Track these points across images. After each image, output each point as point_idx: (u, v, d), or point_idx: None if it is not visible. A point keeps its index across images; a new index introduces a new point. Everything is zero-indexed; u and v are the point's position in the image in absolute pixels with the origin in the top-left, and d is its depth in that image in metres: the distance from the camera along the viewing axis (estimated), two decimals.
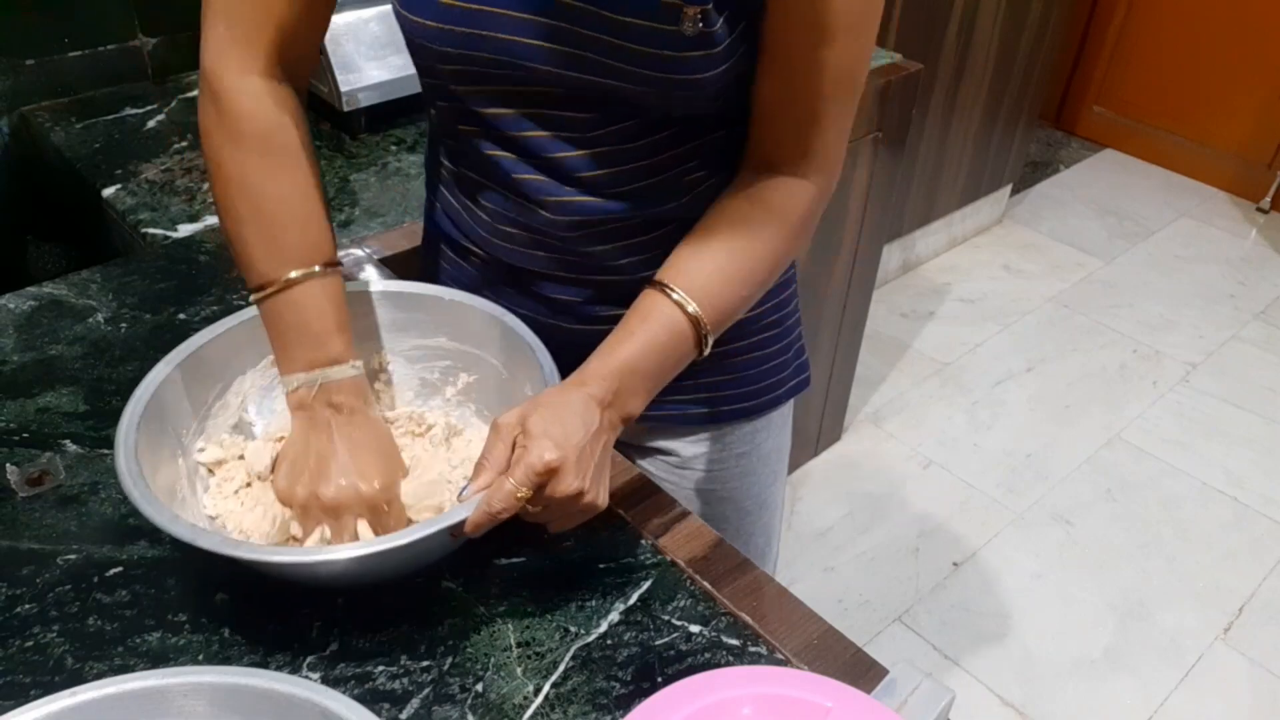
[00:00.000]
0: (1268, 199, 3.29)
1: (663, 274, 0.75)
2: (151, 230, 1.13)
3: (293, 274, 0.72)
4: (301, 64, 0.76)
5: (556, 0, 0.68)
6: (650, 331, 0.73)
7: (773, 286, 0.92)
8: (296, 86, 0.76)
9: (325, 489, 0.69)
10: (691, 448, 0.98)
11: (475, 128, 0.79)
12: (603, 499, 0.70)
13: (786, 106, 0.73)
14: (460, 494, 0.67)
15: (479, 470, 0.67)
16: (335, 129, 1.36)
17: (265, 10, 0.72)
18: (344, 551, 0.63)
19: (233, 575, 0.73)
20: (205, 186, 1.22)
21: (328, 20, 0.77)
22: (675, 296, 0.73)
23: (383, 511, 0.71)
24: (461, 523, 0.65)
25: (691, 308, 0.73)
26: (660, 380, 0.75)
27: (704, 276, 0.74)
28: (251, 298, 0.74)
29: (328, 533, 0.70)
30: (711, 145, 0.80)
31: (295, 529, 0.72)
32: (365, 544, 0.64)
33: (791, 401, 1.02)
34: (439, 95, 0.79)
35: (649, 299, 0.74)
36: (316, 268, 0.73)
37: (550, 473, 0.65)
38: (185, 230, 1.13)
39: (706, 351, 0.76)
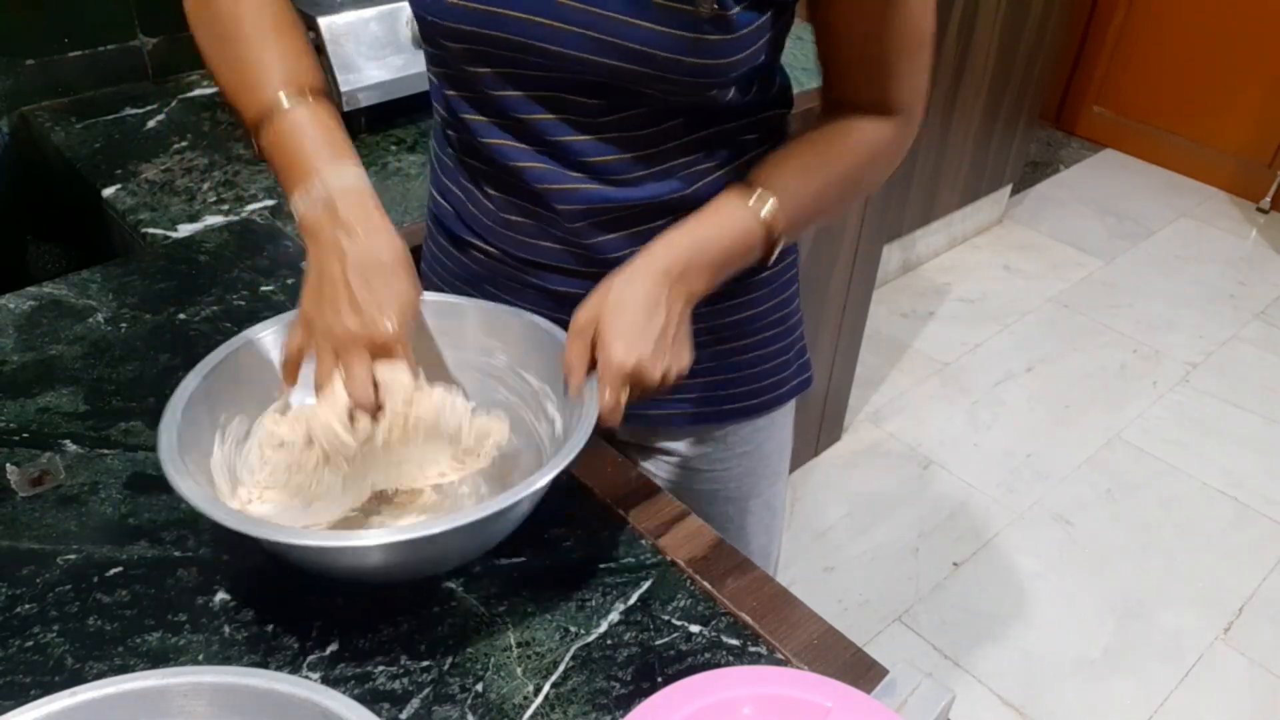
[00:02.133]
0: (1268, 199, 3.29)
1: (751, 175, 0.77)
2: (151, 230, 1.13)
3: (285, 102, 0.72)
4: None
5: None
6: (722, 226, 0.75)
7: (777, 283, 0.92)
8: None
9: (336, 324, 0.68)
10: (693, 448, 0.98)
11: (481, 114, 0.79)
12: (687, 363, 0.75)
13: (859, 61, 0.76)
14: (566, 393, 0.72)
15: (568, 372, 0.72)
16: None
17: None
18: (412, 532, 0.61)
19: (233, 574, 0.73)
20: (205, 186, 1.23)
21: None
22: (751, 202, 0.76)
23: (395, 352, 0.69)
24: (593, 424, 0.68)
25: (765, 213, 0.75)
26: (725, 270, 0.77)
27: (784, 186, 0.77)
28: (253, 136, 0.74)
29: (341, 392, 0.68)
30: (722, 136, 0.80)
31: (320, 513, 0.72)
32: (455, 518, 0.61)
33: (794, 401, 1.02)
34: (447, 80, 0.79)
35: (726, 196, 0.77)
36: (309, 96, 0.73)
37: (633, 375, 0.70)
38: (185, 230, 1.13)
39: (772, 259, 0.79)
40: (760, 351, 0.94)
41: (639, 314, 0.71)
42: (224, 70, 0.76)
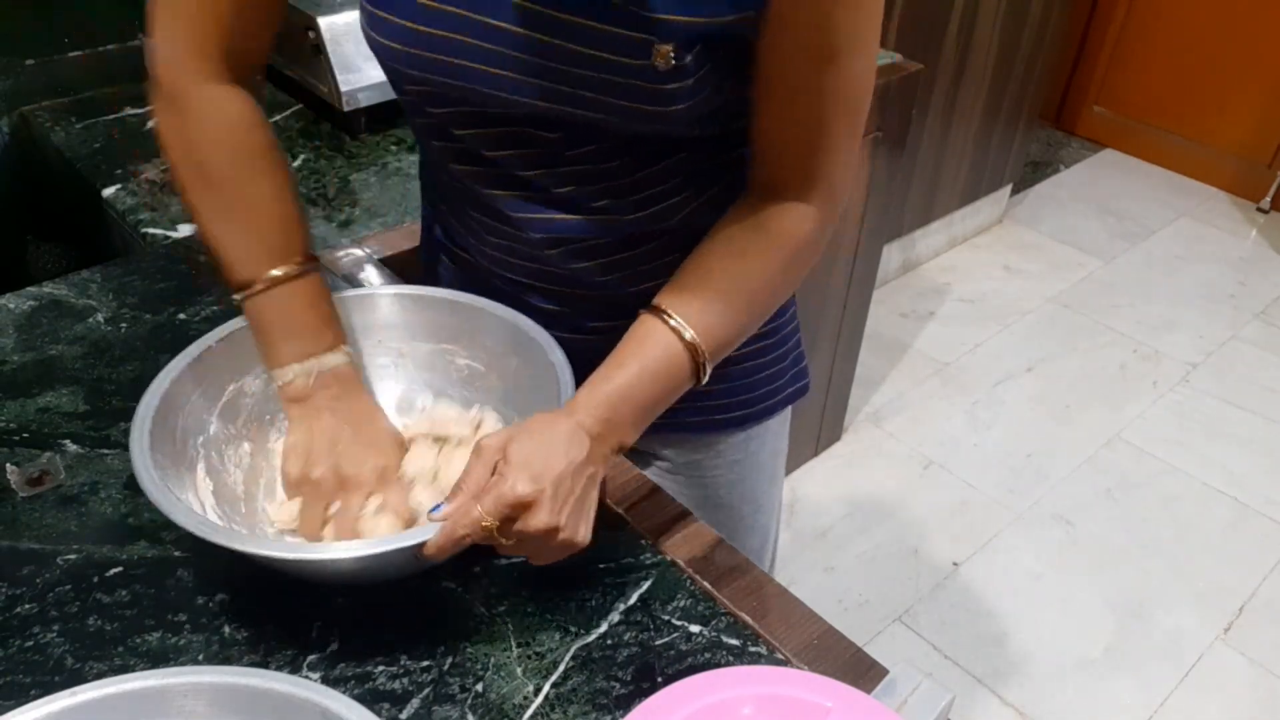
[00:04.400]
0: (1268, 199, 3.29)
1: (660, 299, 0.73)
2: (151, 230, 1.13)
3: (275, 271, 0.73)
4: (253, 68, 0.77)
5: (525, 32, 0.66)
6: (645, 360, 0.70)
7: None
8: (253, 89, 0.77)
9: (342, 464, 0.72)
10: (685, 454, 0.98)
11: (448, 145, 0.78)
12: (582, 535, 0.66)
13: (788, 131, 0.71)
14: (430, 513, 0.64)
15: (455, 491, 0.64)
16: (335, 129, 1.36)
17: (216, 19, 0.72)
18: (342, 551, 0.63)
19: (233, 574, 0.73)
20: None
21: (278, 21, 0.78)
22: (672, 323, 0.71)
23: (396, 484, 0.74)
24: (424, 544, 0.63)
25: (689, 335, 0.70)
26: (655, 409, 0.72)
27: (702, 303, 0.71)
28: (235, 298, 0.75)
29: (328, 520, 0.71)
30: (689, 164, 0.78)
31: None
32: (368, 543, 0.63)
33: (789, 408, 1.02)
34: (413, 113, 0.79)
35: (645, 325, 0.72)
36: (298, 265, 0.74)
37: (522, 506, 0.62)
38: (185, 230, 1.13)
39: (705, 380, 0.73)
40: (754, 361, 0.93)
41: (555, 451, 0.64)
42: (217, 244, 0.75)
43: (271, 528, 0.74)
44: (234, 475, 0.76)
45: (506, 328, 0.80)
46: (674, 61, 0.65)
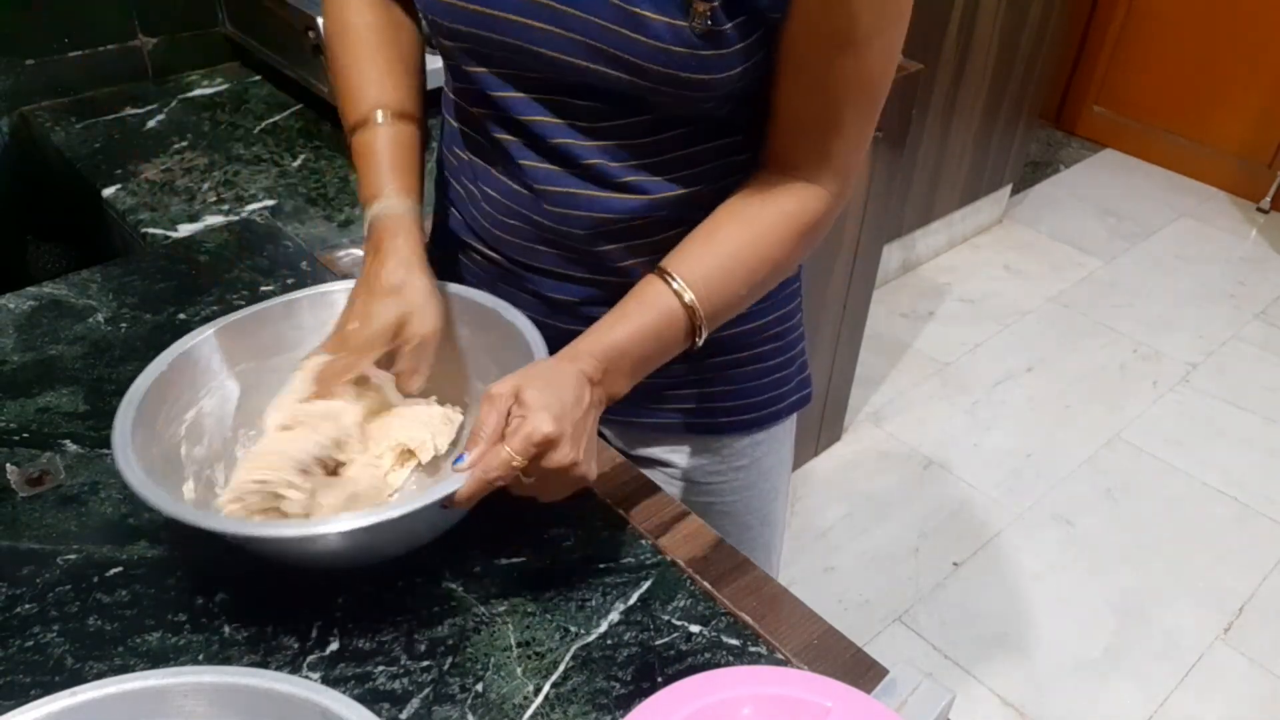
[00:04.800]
0: (1268, 199, 3.29)
1: (666, 262, 0.76)
2: (151, 230, 1.13)
3: (378, 117, 0.81)
4: None
5: None
6: (645, 316, 0.74)
7: (779, 297, 0.92)
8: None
9: (349, 330, 0.75)
10: (690, 459, 0.98)
11: (486, 110, 0.79)
12: (593, 471, 0.71)
13: (805, 112, 0.73)
14: (454, 464, 0.66)
15: (474, 440, 0.67)
16: (335, 129, 1.36)
17: None
18: (330, 526, 0.63)
19: (233, 574, 0.73)
20: (205, 186, 1.23)
21: None
22: (674, 285, 0.74)
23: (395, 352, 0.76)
24: (453, 494, 0.64)
25: (689, 297, 0.74)
26: (649, 364, 0.75)
27: (705, 269, 0.75)
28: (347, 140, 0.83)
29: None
30: (724, 150, 0.79)
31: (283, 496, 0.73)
32: (355, 517, 0.63)
33: (794, 416, 1.01)
34: (453, 74, 0.81)
35: (648, 284, 0.75)
36: (391, 116, 0.81)
37: (548, 443, 0.66)
38: (185, 230, 1.13)
39: (699, 342, 0.76)
40: (759, 365, 0.93)
41: (567, 393, 0.68)
42: (341, 83, 0.84)
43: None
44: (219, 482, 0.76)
45: (457, 302, 0.82)
46: (710, 23, 0.66)
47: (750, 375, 0.93)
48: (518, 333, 0.78)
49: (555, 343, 0.78)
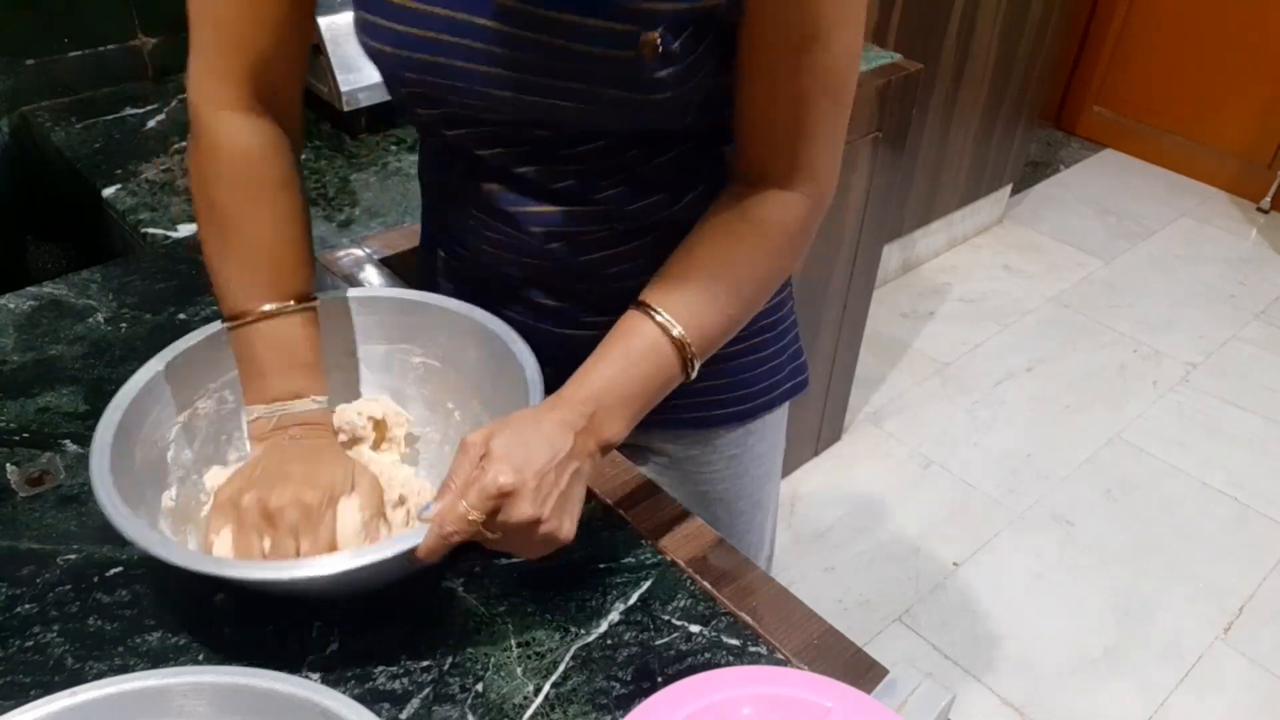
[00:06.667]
0: (1268, 199, 3.29)
1: (646, 294, 0.71)
2: (151, 230, 1.13)
3: (265, 307, 0.72)
4: (283, 95, 0.75)
5: (508, 30, 0.66)
6: (631, 355, 0.69)
7: None
8: (282, 119, 0.76)
9: (269, 496, 0.66)
10: (682, 449, 0.98)
11: (445, 144, 0.78)
12: (566, 530, 0.65)
13: (771, 114, 0.70)
14: (420, 514, 0.64)
15: (443, 490, 0.64)
16: (335, 129, 1.36)
17: (236, 43, 0.71)
18: (286, 571, 0.62)
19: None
20: None
21: (305, 50, 0.77)
22: (659, 319, 0.69)
23: (318, 523, 0.67)
24: (415, 548, 0.62)
25: (677, 331, 0.69)
26: (644, 404, 0.71)
27: (689, 297, 0.70)
28: (224, 326, 0.74)
29: (266, 545, 0.67)
30: (687, 155, 0.78)
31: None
32: (312, 564, 0.62)
33: (787, 404, 1.02)
34: (408, 113, 0.79)
35: (631, 320, 0.71)
36: (290, 303, 0.73)
37: (504, 497, 0.61)
38: (185, 230, 1.13)
39: (694, 375, 0.72)
40: (751, 357, 0.93)
41: (538, 443, 0.63)
42: (214, 272, 0.74)
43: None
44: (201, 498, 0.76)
45: (462, 321, 0.80)
46: (660, 48, 0.65)
47: (743, 367, 0.93)
48: (519, 366, 0.75)
49: (548, 348, 0.78)
